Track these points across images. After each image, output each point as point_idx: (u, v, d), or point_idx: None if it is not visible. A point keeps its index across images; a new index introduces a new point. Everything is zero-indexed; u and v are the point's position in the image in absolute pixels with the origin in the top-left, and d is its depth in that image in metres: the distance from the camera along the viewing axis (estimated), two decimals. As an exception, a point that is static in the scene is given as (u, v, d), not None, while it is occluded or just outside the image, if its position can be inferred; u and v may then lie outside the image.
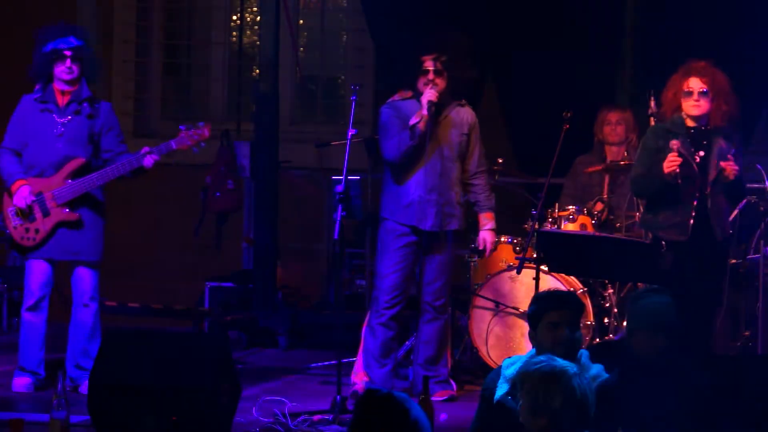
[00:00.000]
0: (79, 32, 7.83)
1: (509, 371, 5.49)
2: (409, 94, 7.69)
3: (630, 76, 10.61)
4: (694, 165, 7.17)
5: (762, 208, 8.48)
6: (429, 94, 7.53)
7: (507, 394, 5.27)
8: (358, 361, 7.98)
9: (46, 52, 7.73)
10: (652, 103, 7.94)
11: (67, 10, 10.66)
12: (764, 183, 8.46)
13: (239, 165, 10.42)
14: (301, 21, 11.51)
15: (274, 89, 9.90)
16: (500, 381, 5.44)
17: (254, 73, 11.30)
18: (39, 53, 7.77)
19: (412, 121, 7.53)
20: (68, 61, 7.70)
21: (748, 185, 8.54)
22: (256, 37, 11.20)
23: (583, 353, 5.47)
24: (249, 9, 11.59)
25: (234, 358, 7.53)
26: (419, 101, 7.61)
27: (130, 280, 10.91)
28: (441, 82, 7.59)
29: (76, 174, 7.69)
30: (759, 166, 8.49)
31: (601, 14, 10.19)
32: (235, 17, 11.49)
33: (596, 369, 5.39)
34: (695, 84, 7.21)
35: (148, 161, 7.69)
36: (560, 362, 4.29)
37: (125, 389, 6.17)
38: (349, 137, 7.42)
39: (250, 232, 10.58)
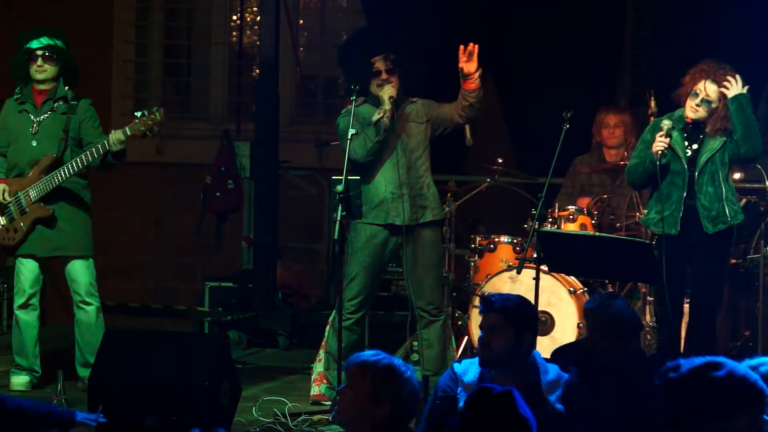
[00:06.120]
0: (53, 32, 7.89)
1: (468, 377, 5.48)
2: (361, 100, 7.58)
3: (630, 76, 10.63)
4: (684, 159, 7.14)
5: (762, 208, 8.47)
6: (389, 91, 7.48)
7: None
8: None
9: (21, 53, 7.85)
10: (652, 103, 7.93)
11: (67, 9, 10.66)
12: (764, 183, 8.45)
13: (239, 165, 10.41)
14: (301, 21, 11.50)
15: (274, 89, 9.89)
16: (459, 389, 5.43)
17: (254, 73, 11.30)
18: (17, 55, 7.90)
19: (376, 117, 7.46)
20: (39, 60, 7.79)
21: (748, 185, 8.55)
22: (256, 37, 11.19)
23: (536, 354, 5.54)
24: (249, 9, 11.58)
25: (234, 358, 7.55)
26: (372, 104, 7.55)
27: (130, 280, 10.91)
28: (395, 80, 7.53)
29: (49, 170, 7.73)
30: (759, 166, 8.47)
31: (601, 14, 10.19)
32: (235, 17, 11.49)
33: (554, 369, 5.51)
34: (704, 89, 7.11)
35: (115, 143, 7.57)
36: None
37: (125, 389, 6.17)
38: (350, 137, 7.41)
39: (250, 232, 10.58)
